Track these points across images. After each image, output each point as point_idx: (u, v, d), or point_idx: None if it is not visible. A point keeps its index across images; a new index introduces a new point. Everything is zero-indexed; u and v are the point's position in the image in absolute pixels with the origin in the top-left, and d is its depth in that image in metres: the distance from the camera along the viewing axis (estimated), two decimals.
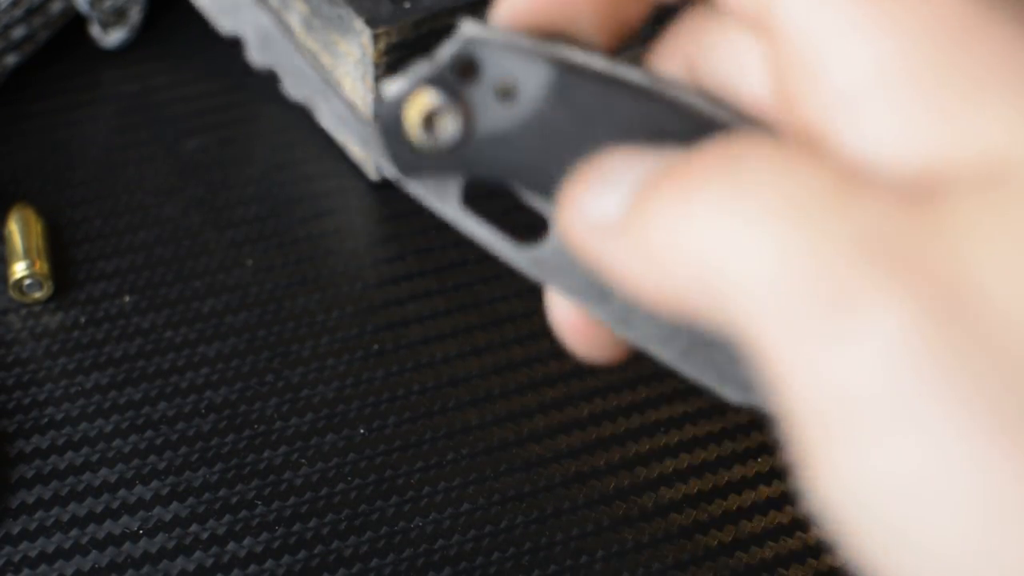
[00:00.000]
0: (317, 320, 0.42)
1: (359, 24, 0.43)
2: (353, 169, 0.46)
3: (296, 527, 0.37)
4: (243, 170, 0.46)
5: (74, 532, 0.36)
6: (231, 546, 0.36)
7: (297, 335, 0.41)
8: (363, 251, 0.44)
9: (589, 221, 0.25)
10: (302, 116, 0.48)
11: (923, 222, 0.22)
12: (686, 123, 0.26)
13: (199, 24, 0.52)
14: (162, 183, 0.46)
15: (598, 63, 0.25)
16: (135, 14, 0.50)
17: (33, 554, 0.36)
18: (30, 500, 0.37)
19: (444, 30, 0.44)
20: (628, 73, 0.25)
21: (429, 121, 0.26)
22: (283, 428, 0.39)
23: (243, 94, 0.49)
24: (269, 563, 0.36)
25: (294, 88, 0.27)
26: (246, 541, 0.36)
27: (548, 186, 0.26)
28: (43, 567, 0.36)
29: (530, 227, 0.28)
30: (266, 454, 0.38)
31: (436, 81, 0.25)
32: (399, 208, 0.45)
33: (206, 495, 0.37)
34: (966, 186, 0.22)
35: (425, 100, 0.25)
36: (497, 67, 0.25)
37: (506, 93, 0.25)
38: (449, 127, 0.26)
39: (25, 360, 0.40)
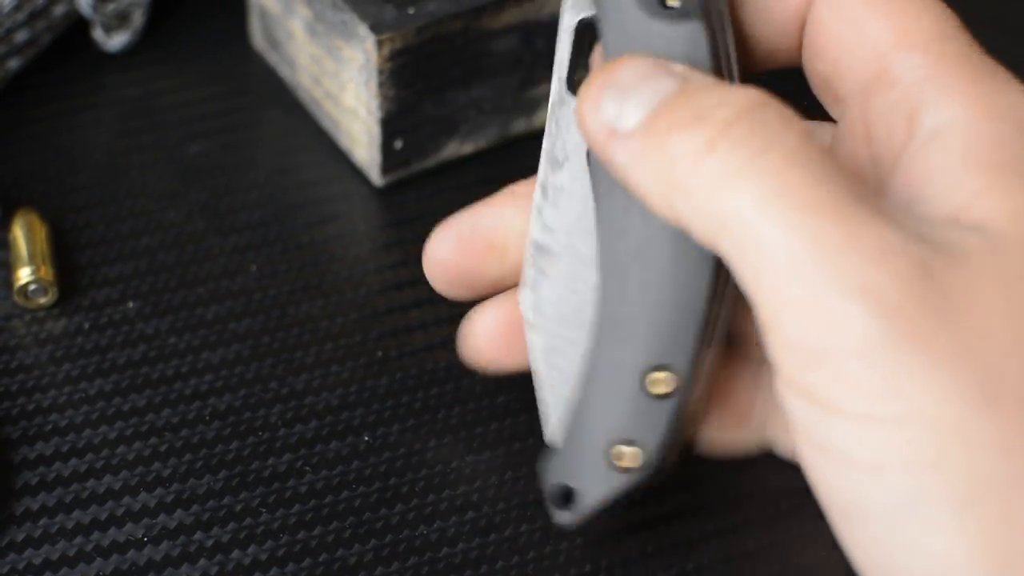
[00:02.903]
0: (321, 326, 0.42)
1: (363, 30, 0.43)
2: (357, 174, 0.46)
3: (301, 535, 0.37)
4: (246, 175, 0.46)
5: (78, 539, 0.36)
6: (236, 554, 0.36)
7: (301, 341, 0.41)
8: (367, 257, 0.44)
9: (604, 122, 0.30)
10: (306, 121, 0.48)
11: (934, 254, 0.27)
12: None
13: (202, 28, 0.52)
14: (165, 188, 0.46)
15: None
16: (138, 18, 0.50)
17: (37, 561, 0.36)
18: (34, 507, 0.37)
19: (448, 36, 0.44)
20: None
21: None
22: (287, 435, 0.39)
23: (246, 99, 0.49)
24: (274, 571, 0.36)
25: None
26: (251, 549, 0.36)
27: None
28: (47, 575, 0.36)
29: None
30: (270, 461, 0.38)
31: None
32: (403, 214, 0.45)
33: (210, 502, 0.37)
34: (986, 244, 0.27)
35: None
36: None
37: None
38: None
39: (29, 366, 0.40)
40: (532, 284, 0.36)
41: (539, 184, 0.36)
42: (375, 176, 0.46)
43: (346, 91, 0.45)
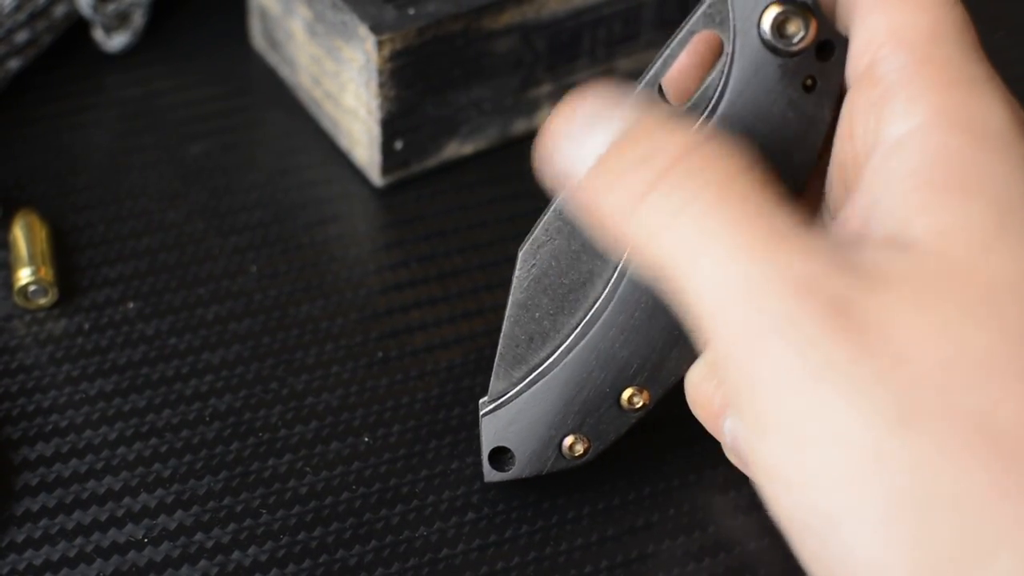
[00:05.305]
0: (321, 327, 0.42)
1: (363, 30, 0.43)
2: (357, 175, 0.46)
3: (301, 536, 0.37)
4: (247, 175, 0.46)
5: (79, 540, 0.36)
6: (236, 555, 0.36)
7: (301, 342, 0.41)
8: (367, 257, 0.44)
9: (559, 174, 0.31)
10: (306, 121, 0.48)
11: (858, 283, 0.27)
12: None
13: (203, 28, 0.52)
14: (165, 188, 0.46)
15: None
16: (138, 18, 0.50)
17: (37, 562, 0.36)
18: (34, 508, 0.37)
19: (448, 36, 0.44)
20: None
21: (781, 24, 0.32)
22: (288, 436, 0.39)
23: (247, 99, 0.49)
24: (274, 572, 0.36)
25: None
26: (251, 550, 0.36)
27: None
28: (47, 575, 0.36)
29: None
30: (271, 462, 0.38)
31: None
32: (403, 214, 0.45)
33: (211, 503, 0.37)
34: (909, 262, 0.28)
35: (780, 8, 0.32)
36: None
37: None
38: (796, 33, 0.32)
39: (29, 367, 0.40)
40: (537, 236, 0.36)
41: None
42: (375, 177, 0.46)
43: (346, 91, 0.45)
